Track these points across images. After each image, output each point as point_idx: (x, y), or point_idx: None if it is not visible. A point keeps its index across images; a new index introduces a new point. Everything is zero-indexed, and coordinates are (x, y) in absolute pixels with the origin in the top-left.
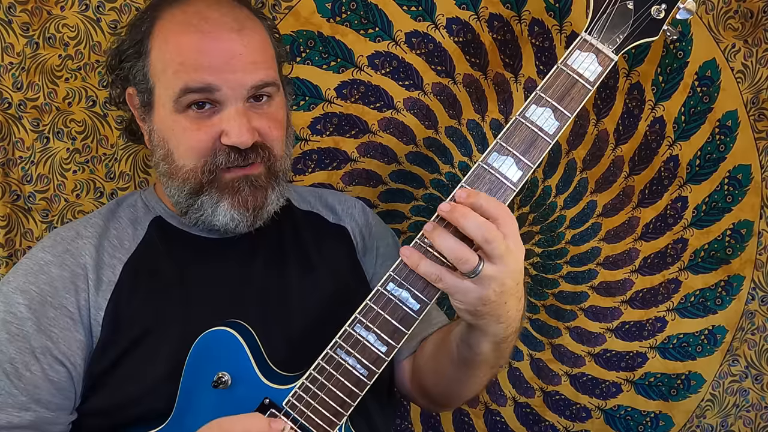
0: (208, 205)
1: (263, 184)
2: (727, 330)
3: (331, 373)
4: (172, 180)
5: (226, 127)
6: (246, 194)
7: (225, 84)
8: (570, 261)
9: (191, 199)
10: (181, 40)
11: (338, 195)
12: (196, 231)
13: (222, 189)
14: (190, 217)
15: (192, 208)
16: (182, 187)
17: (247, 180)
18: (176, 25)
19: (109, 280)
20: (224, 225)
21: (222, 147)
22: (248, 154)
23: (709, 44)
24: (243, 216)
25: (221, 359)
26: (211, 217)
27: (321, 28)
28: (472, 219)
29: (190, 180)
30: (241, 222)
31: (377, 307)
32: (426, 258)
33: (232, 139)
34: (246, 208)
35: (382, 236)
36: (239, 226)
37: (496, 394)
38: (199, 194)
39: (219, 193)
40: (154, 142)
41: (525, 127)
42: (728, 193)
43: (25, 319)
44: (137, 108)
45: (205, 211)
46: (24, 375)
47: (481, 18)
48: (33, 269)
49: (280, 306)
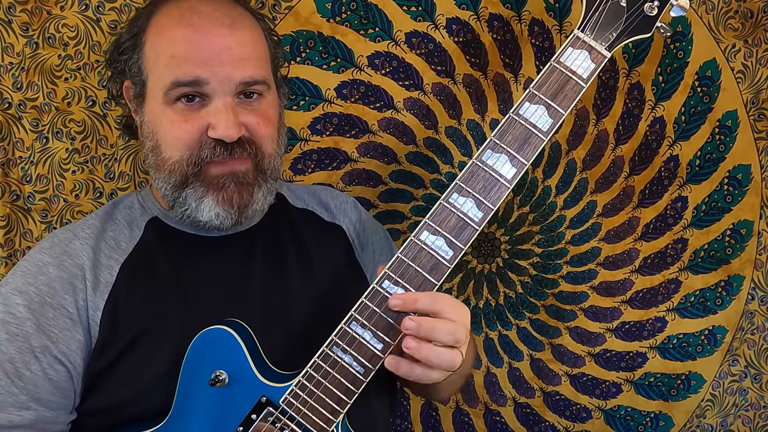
0: (192, 199)
1: (250, 182)
2: (727, 330)
3: (327, 371)
4: (159, 172)
5: (212, 120)
6: (231, 191)
7: (213, 78)
8: (570, 261)
9: (176, 192)
10: (174, 33)
11: (330, 191)
12: (193, 230)
13: (207, 184)
14: (177, 211)
15: (177, 202)
16: (168, 179)
17: (233, 177)
18: (169, 18)
19: (107, 281)
20: (208, 221)
21: (208, 140)
22: (234, 148)
23: (709, 44)
24: (228, 213)
25: (218, 358)
26: (195, 212)
27: (321, 28)
28: (440, 331)
29: (176, 172)
30: (226, 219)
31: (373, 304)
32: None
33: (218, 132)
34: (231, 205)
35: (374, 231)
36: (223, 223)
37: (496, 394)
38: (184, 187)
39: (204, 188)
40: (145, 134)
41: (519, 125)
42: (728, 193)
43: (24, 319)
44: (132, 101)
45: (190, 206)
46: (24, 374)
47: (481, 18)
48: (31, 270)
49: (282, 303)
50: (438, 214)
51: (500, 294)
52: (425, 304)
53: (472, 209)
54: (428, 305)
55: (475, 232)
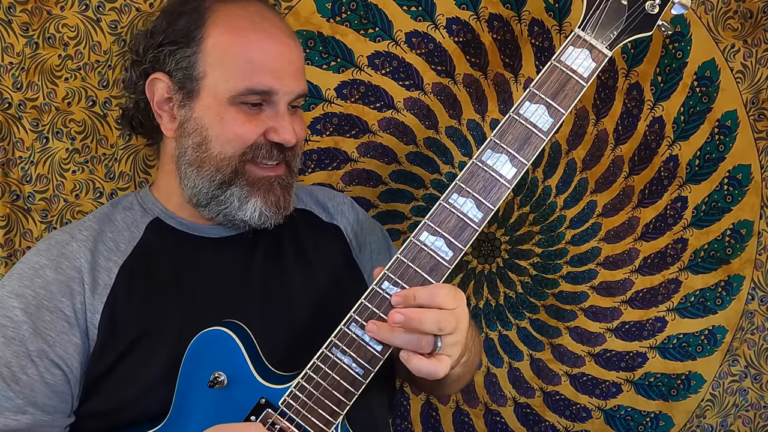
0: (236, 198)
1: (289, 182)
2: (727, 330)
3: (326, 373)
4: (202, 168)
5: (275, 124)
6: (278, 193)
7: (282, 89)
8: (570, 261)
9: (219, 189)
10: (249, 37)
11: (327, 191)
12: (195, 231)
13: (252, 184)
14: (211, 209)
15: (217, 200)
16: (213, 175)
17: (278, 179)
18: (238, 19)
19: (105, 283)
20: (249, 219)
21: (265, 142)
22: (285, 152)
23: (708, 44)
24: (273, 213)
25: (217, 359)
26: (237, 210)
27: (321, 28)
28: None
29: (224, 168)
30: (270, 219)
31: (372, 305)
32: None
33: (281, 136)
34: (277, 206)
35: (372, 231)
36: (266, 223)
37: (496, 394)
38: (230, 185)
39: (249, 188)
40: (188, 129)
41: (519, 124)
42: (728, 193)
43: (21, 322)
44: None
45: (232, 204)
46: (21, 378)
47: (481, 18)
48: (28, 273)
49: (282, 303)
50: (438, 215)
51: (500, 294)
52: (424, 299)
53: (472, 209)
54: (427, 300)
55: (475, 233)
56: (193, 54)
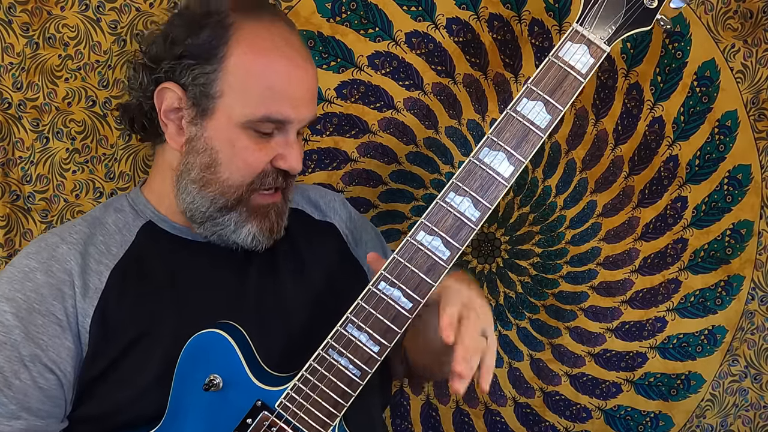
0: (233, 222)
1: (284, 210)
2: (727, 330)
3: (323, 374)
4: (205, 189)
5: (284, 151)
6: (273, 220)
7: (297, 117)
8: (570, 261)
9: (218, 212)
10: (273, 62)
11: (318, 189)
12: (188, 235)
13: (251, 211)
14: (206, 228)
15: (214, 221)
16: (216, 198)
17: (274, 206)
18: (264, 41)
19: (96, 287)
20: (242, 242)
21: (272, 169)
22: (288, 179)
23: (708, 44)
24: (265, 238)
25: (212, 362)
26: (231, 233)
27: (321, 28)
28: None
29: (228, 194)
30: (261, 243)
31: (369, 306)
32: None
33: (289, 164)
34: (270, 232)
35: (365, 228)
36: (257, 246)
37: (496, 394)
38: (231, 211)
39: (247, 214)
40: (197, 147)
41: (516, 122)
42: (728, 193)
43: (12, 327)
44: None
45: (227, 228)
46: (13, 383)
47: (481, 18)
48: (18, 277)
49: (277, 304)
50: (434, 214)
51: (500, 294)
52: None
53: (469, 208)
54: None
55: (473, 232)
56: (213, 71)
